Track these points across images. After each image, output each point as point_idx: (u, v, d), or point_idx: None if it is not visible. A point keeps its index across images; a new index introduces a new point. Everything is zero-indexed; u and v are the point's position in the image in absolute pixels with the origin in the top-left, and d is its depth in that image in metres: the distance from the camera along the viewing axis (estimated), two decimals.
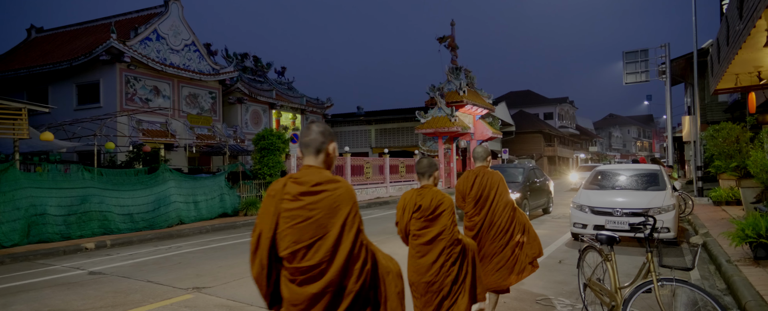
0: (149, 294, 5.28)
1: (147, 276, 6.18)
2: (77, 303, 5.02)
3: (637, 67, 20.10)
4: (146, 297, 5.18)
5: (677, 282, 3.18)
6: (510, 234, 4.01)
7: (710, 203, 12.51)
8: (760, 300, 4.09)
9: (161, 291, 5.42)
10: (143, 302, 4.97)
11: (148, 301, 5.00)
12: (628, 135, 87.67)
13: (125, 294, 5.30)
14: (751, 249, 5.70)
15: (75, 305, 4.94)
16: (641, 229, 3.61)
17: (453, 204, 3.17)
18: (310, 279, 1.77)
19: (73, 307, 4.86)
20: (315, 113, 31.09)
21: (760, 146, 6.97)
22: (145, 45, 19.00)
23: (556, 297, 4.85)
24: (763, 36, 7.21)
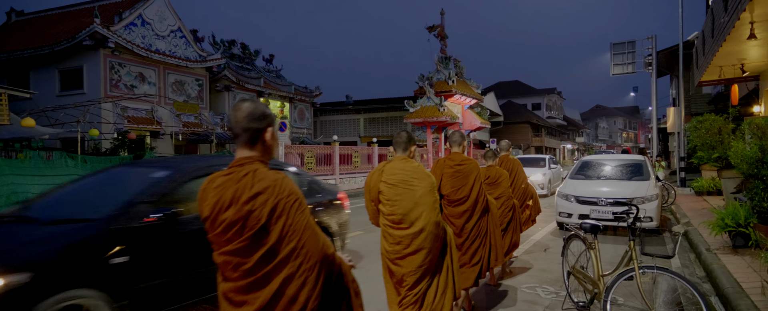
0: None
1: None
2: None
3: (625, 59, 20.30)
4: None
5: (658, 269, 3.25)
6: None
7: (692, 193, 12.75)
8: (737, 287, 4.19)
9: None
10: None
11: None
12: (615, 126, 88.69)
13: None
14: (730, 237, 5.84)
15: None
16: (625, 218, 3.68)
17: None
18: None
19: None
20: (303, 101, 30.89)
21: (741, 138, 7.10)
22: (130, 30, 18.64)
23: (540, 285, 4.93)
24: (746, 29, 7.31)
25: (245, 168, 1.66)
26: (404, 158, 3.14)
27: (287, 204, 1.63)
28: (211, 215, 1.66)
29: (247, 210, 1.60)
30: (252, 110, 1.65)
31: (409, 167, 3.04)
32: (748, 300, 3.79)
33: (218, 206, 1.64)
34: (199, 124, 21.10)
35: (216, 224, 1.65)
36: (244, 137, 1.66)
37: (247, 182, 1.63)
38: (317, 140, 30.85)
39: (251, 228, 1.61)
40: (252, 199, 1.61)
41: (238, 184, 1.63)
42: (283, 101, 29.11)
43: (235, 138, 1.68)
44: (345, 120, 36.35)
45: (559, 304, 4.29)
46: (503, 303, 4.36)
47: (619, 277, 3.32)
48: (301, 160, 16.24)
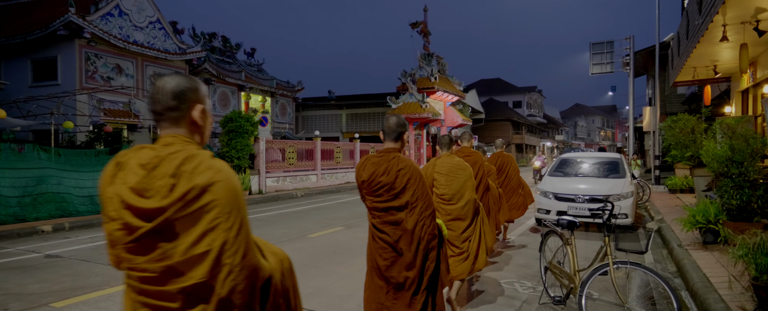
0: (111, 277, 5.15)
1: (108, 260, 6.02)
2: (33, 286, 4.85)
3: (603, 59, 20.64)
4: (108, 280, 5.05)
5: (631, 265, 3.34)
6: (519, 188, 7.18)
7: (666, 191, 13.10)
8: (706, 281, 4.33)
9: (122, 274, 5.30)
10: (104, 285, 4.85)
11: (109, 284, 4.88)
12: (593, 125, 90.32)
13: (84, 278, 5.15)
14: (701, 234, 6.02)
15: (31, 288, 4.77)
16: (601, 215, 3.76)
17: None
18: None
19: (29, 290, 4.70)
20: (285, 95, 30.63)
21: (712, 137, 7.32)
22: (107, 21, 18.17)
23: (518, 280, 5.01)
24: (719, 31, 7.52)
25: (392, 154, 2.84)
26: (449, 154, 4.22)
27: (417, 176, 2.79)
28: (368, 179, 2.80)
29: (395, 177, 2.75)
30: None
31: (453, 162, 4.10)
32: (716, 294, 3.92)
33: (377, 174, 2.78)
34: None
35: (372, 185, 2.79)
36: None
37: (398, 162, 2.79)
38: (299, 136, 30.63)
39: (394, 188, 2.75)
40: (399, 171, 2.75)
41: (389, 162, 2.79)
42: (264, 96, 28.81)
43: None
44: (327, 116, 36.17)
45: (536, 299, 4.38)
46: (482, 298, 4.42)
47: (593, 272, 3.39)
48: (282, 155, 16.11)
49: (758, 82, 9.81)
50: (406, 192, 2.78)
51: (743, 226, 5.15)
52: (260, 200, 13.20)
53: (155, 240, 1.26)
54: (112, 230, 1.28)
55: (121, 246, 1.29)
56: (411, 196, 2.77)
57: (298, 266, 5.64)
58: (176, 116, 1.38)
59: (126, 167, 1.32)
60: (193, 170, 1.28)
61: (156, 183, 1.27)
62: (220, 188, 1.28)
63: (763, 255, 3.55)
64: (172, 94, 1.38)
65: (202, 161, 1.31)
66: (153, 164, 1.29)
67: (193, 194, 1.25)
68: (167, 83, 1.39)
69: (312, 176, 17.30)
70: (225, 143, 13.73)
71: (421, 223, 2.78)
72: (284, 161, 16.04)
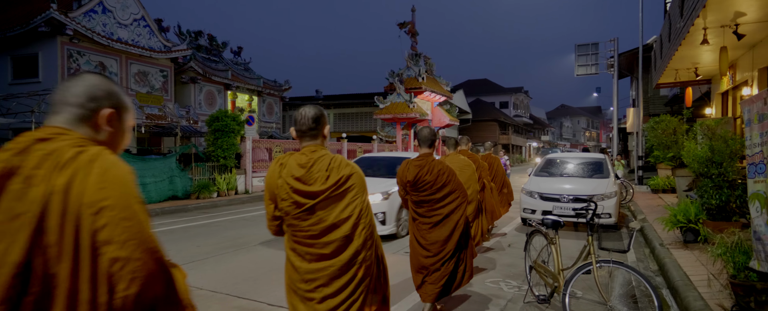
0: None
1: None
2: None
3: (588, 60, 20.90)
4: None
5: (614, 263, 3.39)
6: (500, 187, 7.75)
7: (649, 191, 13.32)
8: (686, 279, 4.42)
9: None
10: None
11: None
12: (578, 125, 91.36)
13: None
14: (681, 233, 6.14)
15: None
16: (584, 214, 3.81)
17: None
18: None
19: None
20: (272, 95, 30.44)
21: (693, 138, 7.47)
22: (90, 18, 17.88)
23: (504, 279, 5.05)
24: (700, 34, 7.67)
25: (430, 157, 3.67)
26: (455, 153, 5.19)
27: (454, 176, 3.68)
28: (414, 179, 3.59)
29: (436, 176, 3.56)
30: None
31: (460, 159, 4.99)
32: (695, 292, 4.01)
33: (422, 174, 3.57)
34: (163, 116, 20.47)
35: (418, 183, 3.59)
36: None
37: (436, 164, 3.62)
38: (286, 135, 30.46)
39: (436, 184, 3.57)
40: (439, 172, 3.57)
41: (430, 165, 3.61)
42: (251, 95, 28.59)
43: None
44: None
45: (521, 298, 4.42)
46: (467, 298, 4.45)
47: (577, 271, 3.44)
48: (269, 155, 16.02)
49: (737, 84, 10.03)
50: (447, 186, 3.65)
51: (722, 225, 5.26)
52: (247, 199, 13.11)
53: (316, 210, 2.04)
54: (285, 206, 2.07)
55: (291, 216, 2.08)
56: (450, 189, 3.67)
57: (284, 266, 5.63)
58: (314, 133, 2.14)
59: (288, 166, 2.10)
60: (338, 166, 2.07)
61: (315, 175, 2.05)
62: (355, 177, 2.09)
63: (740, 254, 3.64)
64: (312, 119, 2.13)
65: (341, 160, 2.11)
66: (310, 164, 2.07)
67: (341, 181, 2.05)
68: (308, 111, 2.15)
69: None
70: (211, 143, 13.60)
71: (459, 209, 3.69)
72: (271, 161, 15.96)
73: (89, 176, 1.07)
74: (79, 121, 1.20)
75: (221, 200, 12.49)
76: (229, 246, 6.84)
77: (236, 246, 6.79)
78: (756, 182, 3.36)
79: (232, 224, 8.84)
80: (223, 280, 5.01)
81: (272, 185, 2.12)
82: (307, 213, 2.06)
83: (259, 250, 6.55)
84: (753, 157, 3.41)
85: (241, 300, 4.36)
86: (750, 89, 9.01)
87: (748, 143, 3.49)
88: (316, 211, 2.06)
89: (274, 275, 5.23)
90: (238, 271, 5.41)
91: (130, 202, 1.09)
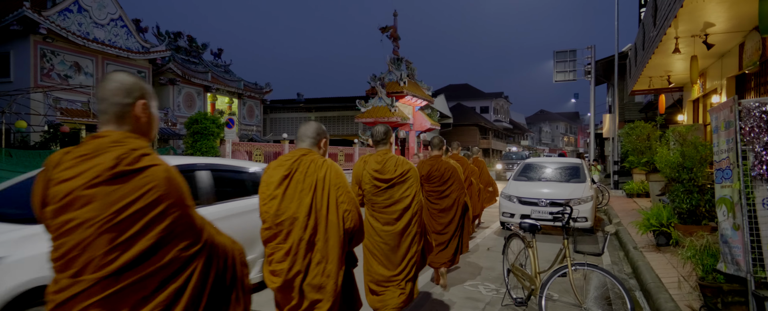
0: None
1: None
2: None
3: (566, 67, 21.29)
4: None
5: (589, 266, 3.46)
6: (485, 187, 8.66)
7: (624, 195, 13.63)
8: (658, 281, 4.55)
9: None
10: None
11: None
12: (557, 131, 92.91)
13: None
14: (654, 236, 6.30)
15: None
16: (561, 218, 3.89)
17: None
18: None
19: None
20: (253, 98, 30.18)
21: (666, 144, 7.68)
22: (65, 17, 17.48)
23: (482, 283, 5.11)
24: (672, 43, 7.91)
25: (439, 156, 4.98)
26: (447, 157, 5.94)
27: (456, 172, 4.95)
28: (427, 173, 4.85)
29: (443, 172, 4.84)
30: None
31: (450, 162, 5.38)
32: (666, 294, 4.12)
33: (433, 170, 4.84)
34: None
35: (430, 177, 4.87)
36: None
37: (443, 163, 4.91)
38: (267, 138, 30.23)
39: (443, 178, 4.86)
40: (445, 169, 4.87)
41: (439, 163, 4.88)
42: (231, 97, 28.29)
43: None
44: (296, 118, 35.82)
45: (500, 301, 4.48)
46: (446, 301, 4.49)
47: (553, 274, 3.51)
48: (249, 158, 15.86)
49: (707, 92, 10.36)
50: (450, 180, 4.91)
51: (692, 229, 5.42)
52: None
53: (387, 190, 3.33)
54: (367, 188, 3.38)
55: (371, 194, 3.37)
56: (452, 183, 4.92)
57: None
58: (385, 142, 3.46)
59: (368, 162, 3.40)
60: (402, 164, 3.35)
61: (388, 168, 3.32)
62: (412, 171, 3.37)
63: (708, 256, 3.76)
64: (383, 133, 3.48)
65: (404, 160, 3.38)
66: (383, 162, 3.36)
67: (404, 173, 3.32)
68: (381, 128, 3.48)
69: None
70: (189, 145, 13.41)
71: (460, 197, 4.97)
72: None
73: (331, 172, 2.47)
74: (312, 146, 2.62)
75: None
76: None
77: None
78: (723, 187, 3.49)
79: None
80: None
81: (358, 175, 3.47)
82: (382, 192, 3.37)
83: None
84: (720, 163, 3.54)
85: None
86: (719, 96, 9.32)
87: (716, 149, 3.62)
88: (387, 191, 3.36)
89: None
90: None
91: (347, 184, 2.50)
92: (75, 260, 1.34)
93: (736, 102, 3.29)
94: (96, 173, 1.35)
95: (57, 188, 1.37)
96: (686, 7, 6.25)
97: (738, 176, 3.25)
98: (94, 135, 1.45)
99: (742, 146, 3.24)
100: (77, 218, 1.33)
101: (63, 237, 1.36)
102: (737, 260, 3.28)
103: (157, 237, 1.38)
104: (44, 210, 1.41)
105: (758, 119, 3.19)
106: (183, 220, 1.45)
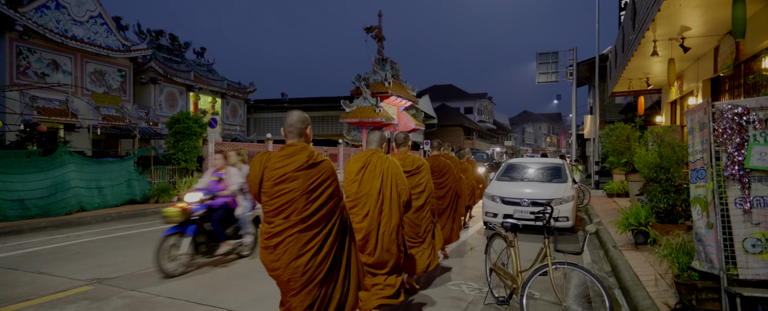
0: (41, 286, 4.85)
1: (38, 268, 5.65)
2: None
3: (549, 68, 21.54)
4: (37, 290, 4.74)
5: (569, 265, 3.52)
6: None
7: (605, 195, 13.86)
8: (636, 279, 4.64)
9: (56, 283, 5.00)
10: (33, 295, 4.55)
11: (38, 294, 4.58)
12: (540, 131, 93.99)
13: (11, 288, 4.81)
14: (633, 235, 6.43)
15: None
16: (542, 217, 3.94)
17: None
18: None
19: None
20: (236, 97, 29.90)
21: (644, 145, 7.84)
22: (42, 13, 17.09)
23: (465, 282, 5.15)
24: (650, 46, 8.08)
25: (440, 155, 6.25)
26: (439, 155, 6.30)
27: (451, 167, 6.25)
28: (431, 167, 5.81)
29: (441, 167, 6.10)
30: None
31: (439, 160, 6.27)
32: (644, 292, 4.21)
33: (433, 166, 5.99)
34: (120, 117, 19.76)
35: (434, 170, 5.87)
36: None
37: (441, 160, 6.15)
38: (250, 138, 29.97)
39: (441, 172, 6.06)
40: (443, 165, 6.10)
41: (439, 160, 6.13)
42: (214, 97, 27.98)
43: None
44: (280, 118, 35.59)
45: (482, 300, 4.52)
46: (429, 300, 4.52)
47: (534, 273, 3.55)
48: None
49: (684, 94, 10.61)
50: (446, 174, 6.03)
51: (669, 228, 5.55)
52: None
53: (409, 178, 4.47)
54: None
55: None
56: (448, 175, 6.05)
57: (245, 271, 5.55)
58: (405, 143, 4.83)
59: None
60: (417, 159, 4.70)
61: (407, 163, 4.62)
62: (424, 166, 4.72)
63: (684, 255, 3.85)
64: (404, 138, 4.88)
65: (418, 157, 4.72)
66: (403, 158, 4.64)
67: (419, 166, 4.67)
68: (402, 134, 4.89)
69: None
70: (171, 145, 13.22)
71: (454, 186, 6.12)
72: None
73: (391, 165, 3.75)
74: (377, 147, 3.91)
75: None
76: None
77: None
78: (697, 187, 3.58)
79: None
80: (182, 286, 4.89)
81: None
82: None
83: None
84: (695, 163, 3.63)
85: (201, 307, 4.27)
86: (695, 98, 9.55)
87: (691, 150, 3.72)
88: (409, 179, 4.39)
89: (234, 280, 5.14)
90: (199, 277, 5.29)
91: (402, 172, 3.83)
92: (285, 210, 2.63)
93: (710, 104, 3.38)
94: (299, 164, 2.64)
95: (273, 172, 2.64)
96: (664, 11, 6.40)
97: (711, 176, 3.34)
98: (288, 144, 2.74)
99: (716, 147, 3.34)
100: (288, 188, 2.62)
101: (277, 198, 2.62)
102: (711, 258, 3.37)
103: (327, 195, 2.71)
104: (263, 184, 2.68)
105: (730, 121, 3.28)
106: (336, 187, 2.80)
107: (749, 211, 3.22)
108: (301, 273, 2.58)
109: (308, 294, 2.62)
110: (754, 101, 3.29)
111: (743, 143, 3.25)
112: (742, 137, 3.25)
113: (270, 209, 2.63)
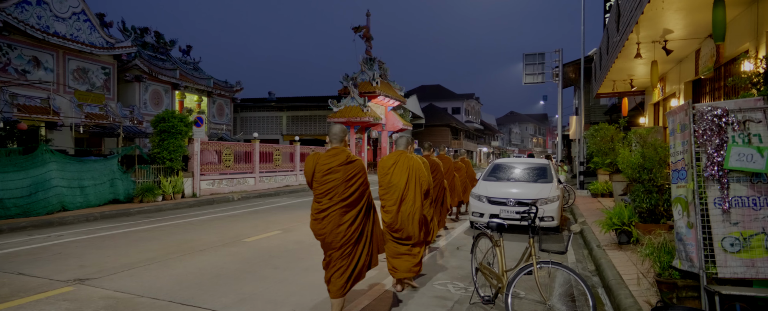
0: (20, 287, 4.75)
1: (18, 268, 5.54)
2: None
3: (535, 69, 21.76)
4: (16, 291, 4.65)
5: (553, 264, 3.56)
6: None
7: (589, 195, 14.04)
8: (619, 278, 4.71)
9: (35, 284, 4.90)
10: (12, 297, 4.46)
11: (18, 295, 4.49)
12: (526, 132, 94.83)
13: None
14: (617, 235, 6.52)
15: None
16: (528, 217, 3.98)
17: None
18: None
19: None
20: (223, 96, 29.63)
21: (628, 145, 7.96)
22: (23, 9, 16.74)
23: (451, 281, 5.18)
24: (634, 48, 8.21)
25: (429, 155, 7.43)
26: (430, 154, 7.47)
27: (440, 166, 7.44)
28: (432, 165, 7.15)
29: (434, 165, 7.27)
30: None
31: (433, 159, 7.24)
32: (626, 290, 4.28)
33: (433, 164, 7.21)
34: (104, 116, 19.45)
35: (432, 168, 7.03)
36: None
37: (431, 159, 7.25)
38: (237, 137, 29.72)
39: (439, 170, 7.35)
40: (433, 162, 7.23)
41: (429, 159, 7.13)
42: (200, 95, 27.70)
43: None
44: (267, 117, 35.37)
45: (468, 299, 4.55)
46: (415, 299, 4.53)
47: (519, 272, 3.59)
48: (218, 157, 15.56)
49: (667, 96, 10.79)
50: (436, 172, 6.99)
51: (651, 227, 5.64)
52: (194, 203, 12.67)
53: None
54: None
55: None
56: (437, 172, 7.04)
57: (231, 271, 5.51)
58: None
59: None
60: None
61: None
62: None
63: (665, 254, 3.92)
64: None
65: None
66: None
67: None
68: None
69: (250, 179, 16.85)
70: (156, 144, 13.05)
71: (442, 182, 7.12)
72: (220, 164, 15.51)
73: (416, 162, 4.83)
74: (405, 148, 5.01)
75: (167, 204, 12.01)
76: (174, 251, 6.60)
77: (181, 252, 6.56)
78: (678, 188, 3.65)
79: (177, 229, 8.52)
80: (166, 287, 4.83)
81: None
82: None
83: (205, 256, 6.36)
84: (676, 164, 3.70)
85: (185, 307, 4.22)
86: (678, 100, 9.72)
87: (672, 150, 3.78)
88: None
89: (220, 280, 5.10)
90: (182, 277, 5.23)
91: (423, 167, 4.90)
92: (329, 193, 3.71)
93: (691, 106, 3.45)
94: (340, 161, 3.74)
95: (322, 166, 3.73)
96: (647, 13, 6.50)
97: (692, 176, 3.40)
98: (334, 148, 3.83)
99: (696, 148, 3.40)
100: (332, 178, 3.71)
101: (325, 185, 3.71)
102: (691, 257, 3.43)
103: (359, 184, 3.81)
104: (315, 174, 3.76)
105: (710, 123, 3.35)
106: (365, 179, 3.87)
107: (728, 211, 3.29)
108: (340, 237, 3.70)
109: (343, 250, 3.73)
110: (733, 103, 3.36)
111: (722, 144, 3.31)
112: (721, 138, 3.32)
113: (319, 192, 3.72)
